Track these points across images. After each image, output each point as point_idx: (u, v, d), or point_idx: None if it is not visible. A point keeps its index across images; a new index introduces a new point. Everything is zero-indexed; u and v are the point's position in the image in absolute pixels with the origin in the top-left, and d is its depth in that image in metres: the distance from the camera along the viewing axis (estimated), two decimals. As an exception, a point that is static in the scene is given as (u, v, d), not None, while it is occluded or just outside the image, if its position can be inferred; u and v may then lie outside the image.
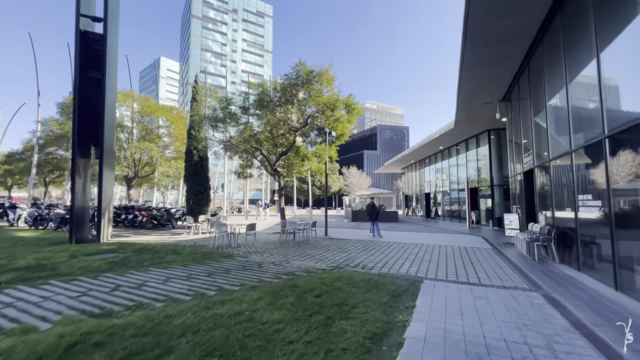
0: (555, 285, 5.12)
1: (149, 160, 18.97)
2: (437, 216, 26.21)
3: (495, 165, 18.11)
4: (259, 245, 9.42)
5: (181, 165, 19.32)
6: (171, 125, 18.01)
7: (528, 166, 9.82)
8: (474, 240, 11.45)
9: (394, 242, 10.83)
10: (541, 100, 8.51)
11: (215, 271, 5.89)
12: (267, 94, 12.92)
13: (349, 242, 10.80)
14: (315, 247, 9.43)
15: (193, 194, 15.48)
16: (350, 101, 13.18)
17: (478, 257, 7.89)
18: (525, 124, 10.50)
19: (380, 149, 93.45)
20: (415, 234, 13.91)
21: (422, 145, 23.70)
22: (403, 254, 8.35)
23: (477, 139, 19.56)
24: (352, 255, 7.97)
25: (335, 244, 10.25)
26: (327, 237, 12.25)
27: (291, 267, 6.33)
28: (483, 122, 16.69)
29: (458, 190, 22.11)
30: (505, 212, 17.61)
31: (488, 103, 13.47)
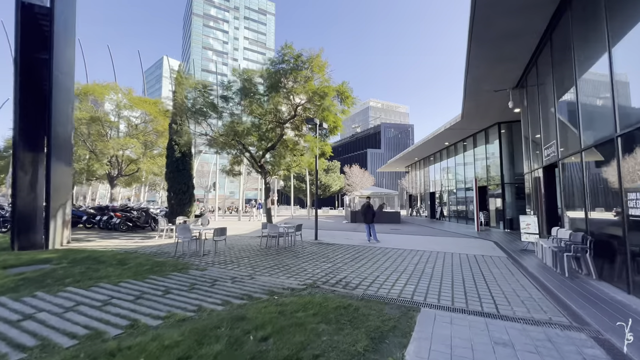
0: (604, 318, 3.66)
1: (132, 158, 17.80)
2: (442, 217, 24.65)
3: (506, 161, 16.54)
4: (231, 253, 8.09)
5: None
6: (155, 120, 16.80)
7: (549, 160, 8.31)
8: (484, 246, 9.96)
9: (391, 248, 9.40)
10: (568, 79, 7.00)
11: (149, 292, 4.55)
12: (251, 81, 11.57)
13: (339, 248, 9.40)
14: (297, 255, 8.05)
15: (174, 193, 14.23)
16: (343, 89, 11.76)
17: (492, 270, 6.43)
18: (545, 112, 8.99)
19: (385, 147, 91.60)
20: (418, 237, 12.44)
21: (427, 142, 22.17)
22: (399, 264, 6.92)
23: (486, 134, 17.98)
24: (336, 267, 6.57)
25: (322, 250, 8.87)
26: (316, 241, 10.86)
27: (252, 286, 4.97)
28: (493, 113, 15.14)
29: (465, 190, 20.53)
30: (518, 212, 16.03)
31: (499, 90, 11.95)
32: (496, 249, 9.59)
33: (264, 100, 11.40)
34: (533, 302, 4.38)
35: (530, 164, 10.44)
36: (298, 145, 11.23)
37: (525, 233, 9.06)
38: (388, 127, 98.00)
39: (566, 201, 7.36)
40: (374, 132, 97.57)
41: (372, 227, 10.82)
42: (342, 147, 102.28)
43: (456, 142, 21.83)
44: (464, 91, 12.29)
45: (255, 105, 11.53)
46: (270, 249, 8.86)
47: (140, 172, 18.52)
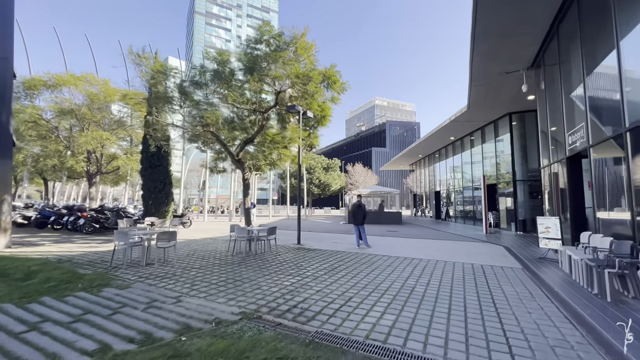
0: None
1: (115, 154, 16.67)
2: (448, 217, 22.98)
3: (518, 156, 14.87)
4: (183, 263, 6.74)
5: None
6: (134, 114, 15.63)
7: (575, 148, 6.74)
8: (494, 253, 8.41)
9: (382, 255, 7.93)
10: (605, 44, 5.45)
11: (7, 326, 3.21)
12: (225, 64, 10.21)
13: (319, 255, 7.97)
14: (263, 264, 6.65)
15: (149, 192, 12.99)
16: (330, 72, 10.32)
17: (504, 288, 4.92)
18: (569, 91, 7.41)
19: (390, 146, 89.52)
20: (417, 241, 10.92)
21: (431, 136, 20.55)
22: (385, 280, 5.47)
23: (496, 126, 16.31)
24: (302, 284, 5.15)
25: (298, 258, 7.46)
26: (297, 246, 9.45)
27: (168, 315, 3.60)
28: (503, 102, 13.50)
29: (472, 188, 18.87)
30: (531, 213, 14.36)
31: (511, 72, 10.35)
32: (508, 256, 8.03)
33: (238, 86, 10.02)
34: (569, 349, 2.89)
35: (549, 156, 8.84)
36: (278, 136, 9.81)
37: (544, 238, 7.49)
38: (393, 125, 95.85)
39: (600, 199, 5.80)
40: (379, 131, 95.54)
41: (362, 229, 9.36)
42: (347, 145, 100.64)
43: (462, 136, 20.17)
44: (470, 74, 10.73)
45: (231, 92, 10.17)
46: (236, 256, 7.48)
47: (123, 169, 17.38)
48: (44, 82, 13.46)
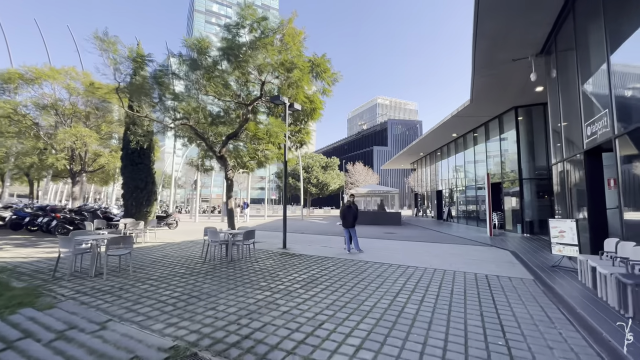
0: None
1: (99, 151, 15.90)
2: (450, 218, 22.03)
3: (524, 153, 13.90)
4: (140, 271, 5.91)
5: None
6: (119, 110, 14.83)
7: (596, 140, 5.81)
8: (500, 259, 7.50)
9: (373, 262, 7.04)
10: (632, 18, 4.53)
11: None
12: (204, 52, 9.36)
13: (302, 262, 7.11)
14: (234, 274, 5.81)
15: (129, 191, 12.20)
16: (319, 60, 9.45)
17: (514, 309, 4.03)
18: (587, 75, 6.49)
19: (391, 144, 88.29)
20: (415, 245, 10.01)
21: (432, 133, 19.60)
22: (370, 296, 4.59)
23: (500, 121, 15.34)
24: (270, 301, 4.29)
25: (276, 266, 6.60)
26: (282, 250, 8.59)
27: (64, 357, 2.74)
28: (509, 94, 12.55)
29: (476, 187, 17.91)
30: (539, 214, 13.41)
31: (518, 59, 9.42)
32: (516, 263, 7.12)
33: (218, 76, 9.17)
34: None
35: (562, 151, 7.89)
36: (261, 131, 8.93)
37: (558, 244, 6.57)
38: (395, 123, 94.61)
39: (629, 199, 4.88)
40: (380, 129, 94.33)
41: (353, 232, 8.48)
42: (348, 145, 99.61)
43: (465, 133, 19.20)
44: (473, 62, 9.81)
45: (212, 83, 9.33)
46: (207, 264, 6.63)
47: (108, 167, 16.62)
48: (20, 74, 12.69)
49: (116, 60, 8.32)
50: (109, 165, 15.65)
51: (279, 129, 8.58)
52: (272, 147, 9.45)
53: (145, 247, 8.91)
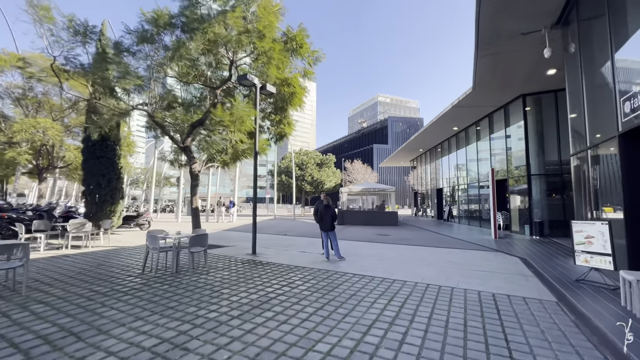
0: None
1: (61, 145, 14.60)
2: (451, 218, 20.64)
3: (534, 147, 12.50)
4: (35, 291, 4.61)
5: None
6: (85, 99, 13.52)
7: (638, 117, 4.42)
8: (509, 270, 6.12)
9: (351, 275, 5.69)
10: None
11: None
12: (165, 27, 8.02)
13: (264, 274, 5.78)
14: (162, 294, 4.49)
15: (90, 188, 10.90)
16: (298, 34, 8.10)
17: (537, 356, 2.67)
18: (621, 40, 5.11)
19: (392, 142, 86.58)
20: (409, 250, 8.65)
21: (432, 126, 18.19)
22: (330, 330, 3.26)
23: (506, 112, 13.94)
24: (181, 342, 2.96)
25: (227, 281, 5.28)
26: (250, 257, 7.26)
27: None
28: (516, 80, 11.15)
29: (478, 185, 16.52)
30: (549, 213, 12.01)
31: (530, 33, 8.04)
32: (529, 276, 5.75)
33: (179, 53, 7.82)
34: None
35: (585, 139, 6.49)
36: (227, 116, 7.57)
37: (584, 252, 5.20)
38: (396, 120, 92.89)
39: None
40: (380, 127, 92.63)
41: (332, 237, 7.13)
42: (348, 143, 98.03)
43: (467, 126, 17.80)
44: (476, 36, 8.43)
45: (174, 62, 8.00)
46: (142, 276, 5.31)
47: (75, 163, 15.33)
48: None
49: (52, 31, 7.00)
50: (77, 161, 14.37)
51: (245, 113, 7.23)
52: (241, 136, 8.10)
53: (85, 253, 7.59)
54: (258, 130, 8.13)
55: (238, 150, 9.23)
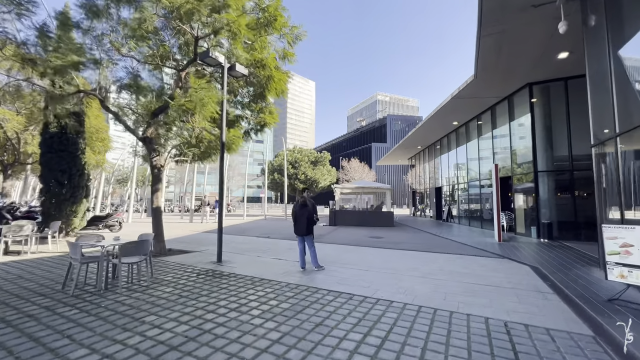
0: None
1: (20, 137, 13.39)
2: (450, 218, 19.53)
3: (541, 141, 11.39)
4: None
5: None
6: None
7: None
8: (522, 284, 4.99)
9: (326, 292, 4.57)
10: None
11: None
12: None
13: (217, 290, 4.65)
14: (57, 325, 3.36)
15: (48, 185, 9.76)
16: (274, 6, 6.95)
17: None
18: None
19: (390, 141, 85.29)
20: (402, 257, 7.52)
21: (431, 119, 17.04)
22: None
23: (510, 103, 12.82)
24: None
25: (157, 306, 4.15)
26: (212, 266, 6.14)
27: None
28: (522, 65, 10.02)
29: (480, 183, 15.42)
30: (557, 213, 10.89)
31: (542, 5, 6.92)
32: (548, 293, 4.62)
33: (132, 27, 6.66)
34: None
35: (614, 124, 5.36)
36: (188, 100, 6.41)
37: (619, 265, 4.08)
38: (395, 119, 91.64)
39: None
40: (379, 125, 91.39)
41: (309, 242, 5.99)
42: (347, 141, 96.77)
43: (468, 120, 16.68)
44: (479, 13, 7.32)
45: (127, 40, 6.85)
46: (58, 295, 4.18)
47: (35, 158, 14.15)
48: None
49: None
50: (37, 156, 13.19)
51: (207, 96, 6.09)
52: (204, 124, 6.91)
53: (17, 260, 6.44)
54: (225, 117, 7.00)
55: (211, 142, 8.09)
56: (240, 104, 9.84)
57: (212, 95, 6.11)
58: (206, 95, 5.97)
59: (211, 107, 6.20)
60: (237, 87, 9.20)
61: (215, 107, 6.34)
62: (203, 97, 5.93)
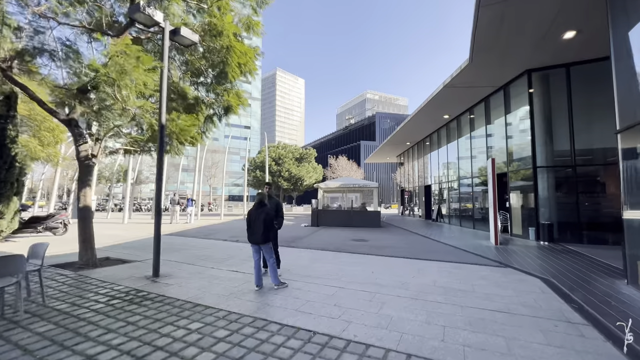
0: None
1: None
2: (440, 217, 18.50)
3: (540, 134, 10.37)
4: None
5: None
6: None
7: None
8: (538, 307, 3.74)
9: (277, 327, 3.23)
10: None
11: None
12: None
13: (126, 325, 3.24)
14: None
15: (-37, 180, 8.06)
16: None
17: None
18: None
19: (379, 139, 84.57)
20: (387, 265, 6.25)
21: (421, 112, 15.88)
22: None
23: (506, 94, 11.78)
24: None
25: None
26: (140, 284, 4.71)
27: None
28: (524, 45, 8.89)
29: (471, 181, 14.39)
30: (558, 213, 9.88)
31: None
32: (577, 322, 3.41)
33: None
34: None
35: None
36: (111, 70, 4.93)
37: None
38: (384, 117, 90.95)
39: None
40: (368, 123, 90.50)
41: (267, 253, 4.62)
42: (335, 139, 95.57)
43: (460, 114, 15.64)
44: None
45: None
46: None
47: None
48: None
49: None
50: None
51: (129, 63, 4.62)
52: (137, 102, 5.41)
53: None
54: (165, 93, 5.55)
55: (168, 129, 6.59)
56: (203, 85, 8.38)
57: (135, 62, 4.64)
58: (127, 61, 4.51)
59: (139, 74, 4.73)
60: (200, 65, 7.75)
61: (146, 77, 4.89)
62: (123, 63, 4.47)
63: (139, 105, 5.50)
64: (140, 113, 5.74)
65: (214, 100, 8.11)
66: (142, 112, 5.76)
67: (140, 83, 4.78)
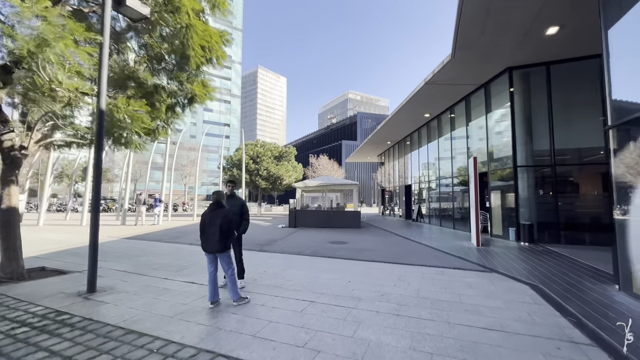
0: None
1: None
2: (420, 217, 18.31)
3: (521, 133, 10.21)
4: None
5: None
6: None
7: None
8: (533, 323, 3.24)
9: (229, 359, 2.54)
10: None
11: None
12: None
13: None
14: None
15: None
16: None
17: None
18: None
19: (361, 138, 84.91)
20: (365, 272, 5.66)
21: (401, 110, 15.55)
22: None
23: (487, 92, 11.60)
24: None
25: None
26: (74, 300, 3.85)
27: None
28: (505, 44, 8.62)
29: (451, 181, 14.21)
30: (538, 213, 9.74)
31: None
32: (575, 337, 2.93)
33: None
34: None
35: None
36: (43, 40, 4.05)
37: None
38: (365, 117, 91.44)
39: None
40: (349, 123, 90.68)
41: (224, 262, 3.90)
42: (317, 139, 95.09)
43: (441, 112, 15.45)
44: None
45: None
46: None
47: None
48: None
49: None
50: None
51: (54, 32, 3.74)
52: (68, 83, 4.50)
53: None
54: (105, 74, 4.69)
55: (114, 117, 5.64)
56: (165, 72, 7.46)
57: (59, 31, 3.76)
58: (48, 29, 3.63)
59: (67, 50, 3.85)
60: (160, 50, 6.84)
61: (79, 52, 4.01)
62: (42, 31, 3.59)
63: (74, 88, 4.57)
64: (76, 97, 4.80)
65: (176, 89, 7.24)
66: (80, 96, 4.83)
67: (71, 58, 3.90)
